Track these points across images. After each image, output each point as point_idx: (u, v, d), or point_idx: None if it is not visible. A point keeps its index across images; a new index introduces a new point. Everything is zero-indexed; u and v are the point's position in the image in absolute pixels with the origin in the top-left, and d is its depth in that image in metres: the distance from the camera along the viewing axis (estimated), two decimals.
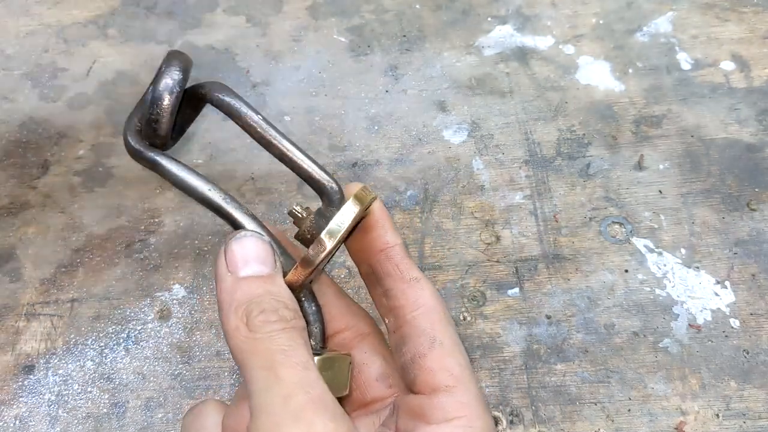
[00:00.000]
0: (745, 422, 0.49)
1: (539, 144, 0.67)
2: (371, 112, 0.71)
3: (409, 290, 0.40)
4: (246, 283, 0.35)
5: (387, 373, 0.43)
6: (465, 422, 0.36)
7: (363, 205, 0.38)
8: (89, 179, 0.67)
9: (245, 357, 0.33)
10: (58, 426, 0.52)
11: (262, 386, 0.32)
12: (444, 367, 0.38)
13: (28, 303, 0.59)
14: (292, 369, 0.32)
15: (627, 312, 0.55)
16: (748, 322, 0.54)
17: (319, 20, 0.80)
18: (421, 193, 0.64)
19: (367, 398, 0.42)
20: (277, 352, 0.33)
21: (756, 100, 0.68)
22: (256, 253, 0.36)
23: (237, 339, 0.33)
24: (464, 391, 0.37)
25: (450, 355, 0.38)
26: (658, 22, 0.76)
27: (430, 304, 0.40)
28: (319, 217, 0.40)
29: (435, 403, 0.37)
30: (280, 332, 0.33)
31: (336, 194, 0.41)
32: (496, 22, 0.78)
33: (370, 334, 0.44)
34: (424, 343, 0.39)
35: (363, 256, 0.43)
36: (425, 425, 0.36)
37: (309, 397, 0.31)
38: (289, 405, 0.31)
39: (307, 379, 0.32)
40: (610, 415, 0.50)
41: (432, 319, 0.39)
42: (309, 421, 0.30)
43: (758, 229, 0.59)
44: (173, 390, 0.54)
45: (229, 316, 0.34)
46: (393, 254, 0.41)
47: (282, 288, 0.36)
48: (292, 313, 0.35)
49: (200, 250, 0.62)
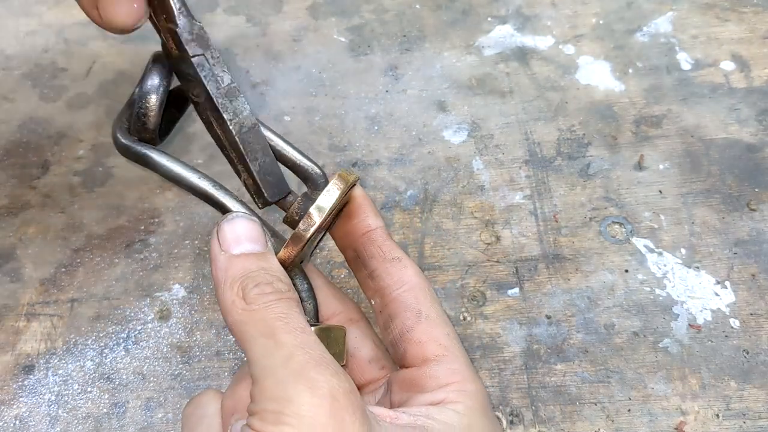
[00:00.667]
0: (745, 422, 0.49)
1: (539, 144, 0.67)
2: (371, 112, 0.71)
3: (392, 269, 0.41)
4: (239, 260, 0.36)
5: (378, 355, 0.44)
6: (458, 387, 0.37)
7: (347, 183, 0.40)
8: (89, 179, 0.67)
9: (244, 329, 0.33)
10: (58, 426, 0.52)
11: (262, 353, 0.32)
12: (432, 338, 0.38)
13: (28, 303, 0.59)
14: (291, 333, 0.32)
15: (627, 312, 0.55)
16: (748, 322, 0.54)
17: (319, 20, 0.80)
18: (421, 193, 0.64)
19: (361, 381, 0.43)
20: (276, 320, 0.33)
21: (756, 100, 0.68)
22: (247, 232, 0.37)
23: (234, 313, 0.34)
24: (453, 358, 0.38)
25: (437, 326, 0.39)
26: (658, 22, 0.76)
27: (414, 281, 0.41)
28: (306, 200, 0.41)
29: (427, 372, 0.37)
30: (277, 302, 0.34)
31: (320, 178, 0.42)
32: (496, 22, 0.78)
33: (359, 319, 0.45)
34: (411, 317, 0.39)
35: (347, 242, 0.44)
36: (419, 394, 0.37)
37: (310, 356, 0.31)
38: (290, 365, 0.31)
39: (307, 341, 0.32)
40: (610, 415, 0.50)
41: (417, 295, 0.40)
42: (311, 378, 0.30)
43: (758, 229, 0.59)
44: (173, 390, 0.54)
45: (225, 291, 0.35)
46: (375, 236, 0.42)
47: (275, 264, 0.37)
48: (287, 286, 0.36)
49: (200, 250, 0.62)
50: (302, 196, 0.42)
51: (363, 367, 0.43)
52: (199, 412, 0.38)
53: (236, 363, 0.55)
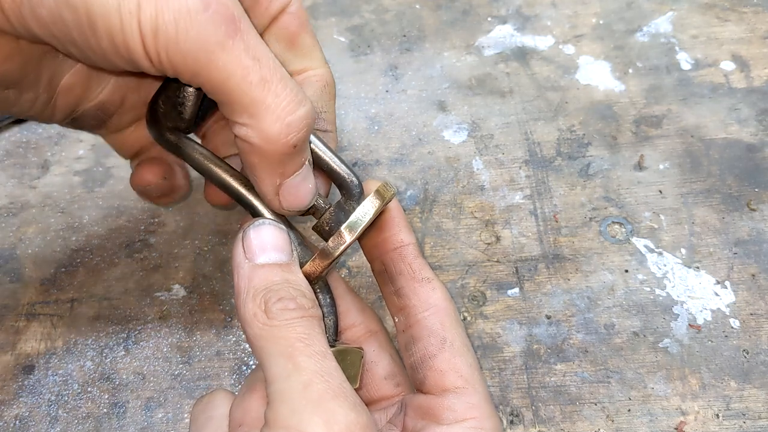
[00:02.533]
0: (745, 422, 0.49)
1: (539, 144, 0.67)
2: (371, 112, 0.71)
3: (420, 289, 0.40)
4: (263, 271, 0.35)
5: (394, 372, 0.43)
6: (475, 423, 0.36)
7: (383, 201, 0.38)
8: (89, 179, 0.67)
9: (263, 344, 0.33)
10: (58, 426, 0.52)
11: (281, 374, 0.31)
12: (454, 368, 0.38)
13: (28, 303, 0.59)
14: (312, 357, 0.32)
15: (627, 312, 0.55)
16: (748, 322, 0.54)
17: (319, 20, 0.80)
18: (421, 193, 0.64)
19: (374, 396, 0.42)
20: (296, 340, 0.32)
21: (756, 100, 0.68)
22: (273, 241, 0.36)
23: (255, 326, 0.33)
24: (473, 392, 0.37)
25: (460, 355, 0.38)
26: (658, 22, 0.76)
27: (441, 305, 0.40)
28: (339, 209, 0.39)
29: (445, 403, 0.37)
30: (299, 320, 0.33)
31: (356, 188, 0.40)
32: (496, 22, 0.78)
33: (378, 332, 0.44)
34: (434, 343, 0.38)
35: (376, 254, 0.43)
36: (435, 425, 0.36)
37: (329, 386, 0.31)
38: (308, 393, 0.30)
39: (327, 368, 0.32)
40: (610, 415, 0.50)
41: (442, 320, 0.39)
42: (329, 410, 0.30)
43: (758, 229, 0.59)
44: (173, 390, 0.54)
45: (246, 302, 0.34)
46: (406, 253, 0.41)
47: (299, 276, 0.36)
48: (310, 302, 0.35)
49: (200, 250, 0.62)
50: (335, 206, 0.40)
51: (378, 383, 0.42)
52: (208, 413, 0.37)
53: (236, 363, 0.55)
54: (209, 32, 0.31)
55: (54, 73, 0.40)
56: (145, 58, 0.31)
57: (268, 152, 0.34)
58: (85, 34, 0.31)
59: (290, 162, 0.35)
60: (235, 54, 0.31)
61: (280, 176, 0.36)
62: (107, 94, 0.44)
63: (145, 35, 0.30)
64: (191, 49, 0.31)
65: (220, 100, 0.33)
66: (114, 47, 0.31)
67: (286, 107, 0.33)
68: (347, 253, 0.51)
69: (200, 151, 0.40)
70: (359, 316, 0.44)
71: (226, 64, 0.31)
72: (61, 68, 0.40)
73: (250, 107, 0.32)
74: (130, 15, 0.30)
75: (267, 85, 0.32)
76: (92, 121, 0.47)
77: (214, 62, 0.31)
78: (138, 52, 0.31)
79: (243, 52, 0.32)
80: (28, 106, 0.41)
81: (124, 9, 0.30)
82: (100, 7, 0.30)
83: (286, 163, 0.35)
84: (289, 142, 0.34)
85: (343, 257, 0.59)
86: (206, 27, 0.30)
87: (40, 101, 0.41)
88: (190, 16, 0.30)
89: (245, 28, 0.32)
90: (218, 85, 0.32)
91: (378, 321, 0.45)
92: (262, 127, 0.33)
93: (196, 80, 0.32)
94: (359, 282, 0.59)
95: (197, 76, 0.32)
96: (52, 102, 0.42)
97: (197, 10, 0.30)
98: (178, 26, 0.30)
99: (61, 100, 0.42)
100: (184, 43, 0.30)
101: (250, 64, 0.32)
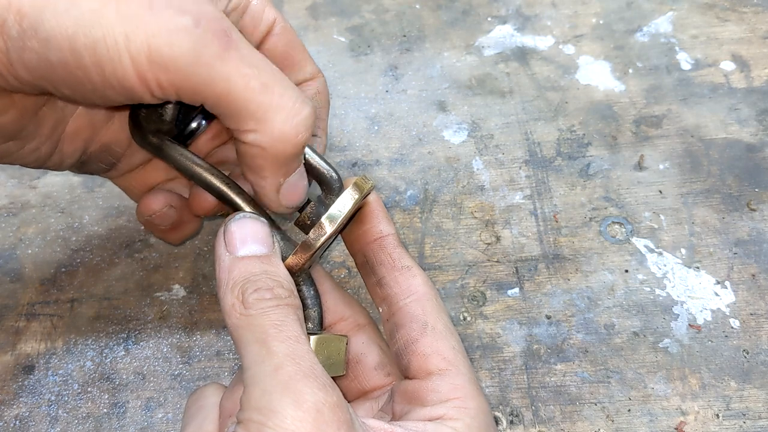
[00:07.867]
0: (745, 422, 0.49)
1: (539, 144, 0.67)
2: (371, 112, 0.71)
3: (401, 278, 0.41)
4: (243, 263, 0.36)
5: (384, 362, 0.43)
6: (459, 403, 0.37)
7: (362, 193, 0.39)
8: (89, 179, 0.67)
9: (240, 333, 0.33)
10: (58, 426, 0.52)
11: (254, 359, 0.32)
12: (436, 351, 0.38)
13: (28, 303, 0.59)
14: (284, 342, 0.32)
15: (627, 312, 0.55)
16: (748, 322, 0.54)
17: (319, 20, 0.80)
18: (421, 193, 0.64)
19: (366, 387, 0.43)
20: (270, 327, 0.33)
21: (756, 100, 0.68)
22: (254, 234, 0.37)
23: (233, 316, 0.34)
24: (457, 373, 0.38)
25: (442, 339, 0.39)
26: (658, 22, 0.76)
27: (421, 291, 0.41)
28: (319, 204, 0.41)
29: (429, 386, 0.37)
30: (274, 309, 0.34)
31: (336, 183, 0.41)
32: (496, 22, 0.78)
33: (367, 325, 0.45)
34: (417, 328, 0.39)
35: (358, 246, 0.43)
36: (419, 408, 0.37)
37: (299, 368, 0.31)
38: (279, 375, 0.31)
39: (298, 351, 0.32)
40: (610, 415, 0.50)
41: (424, 305, 0.40)
42: (298, 390, 0.30)
43: (758, 229, 0.59)
44: (173, 390, 0.54)
45: (226, 294, 0.35)
46: (386, 243, 0.42)
47: (279, 268, 0.37)
48: (287, 291, 0.35)
49: (200, 250, 0.62)
50: (316, 200, 0.41)
51: (368, 374, 0.43)
52: (199, 403, 0.38)
53: (236, 363, 0.55)
54: (205, 47, 0.31)
55: (57, 122, 0.41)
56: (141, 86, 0.32)
57: (277, 153, 0.35)
58: (73, 72, 0.31)
59: (294, 161, 0.37)
60: (233, 64, 0.32)
61: (283, 175, 0.37)
62: (112, 134, 0.45)
63: (139, 64, 0.31)
64: (190, 66, 0.31)
65: (223, 113, 0.34)
66: (105, 80, 0.31)
67: (293, 108, 0.34)
68: (347, 253, 0.51)
69: (182, 152, 0.40)
70: (347, 311, 0.45)
71: (226, 75, 0.32)
72: (63, 115, 0.41)
73: (256, 112, 0.33)
74: (116, 45, 0.30)
75: (270, 90, 0.33)
76: (101, 164, 0.48)
77: (215, 75, 0.32)
78: (132, 80, 0.31)
79: (240, 61, 0.32)
80: (33, 156, 0.42)
81: (109, 40, 0.30)
82: (85, 42, 0.30)
83: (290, 163, 0.36)
84: (299, 141, 0.35)
85: (343, 257, 0.59)
86: (201, 42, 0.31)
87: (44, 150, 0.42)
88: (182, 34, 0.30)
89: (237, 38, 0.33)
90: (222, 97, 0.33)
91: (366, 315, 0.46)
92: (272, 129, 0.34)
93: (198, 97, 0.33)
94: (359, 282, 0.59)
95: (199, 92, 0.32)
96: (57, 149, 0.43)
97: (189, 27, 0.31)
98: (172, 46, 0.30)
99: (67, 147, 0.43)
100: (181, 62, 0.31)
101: (249, 71, 0.32)
